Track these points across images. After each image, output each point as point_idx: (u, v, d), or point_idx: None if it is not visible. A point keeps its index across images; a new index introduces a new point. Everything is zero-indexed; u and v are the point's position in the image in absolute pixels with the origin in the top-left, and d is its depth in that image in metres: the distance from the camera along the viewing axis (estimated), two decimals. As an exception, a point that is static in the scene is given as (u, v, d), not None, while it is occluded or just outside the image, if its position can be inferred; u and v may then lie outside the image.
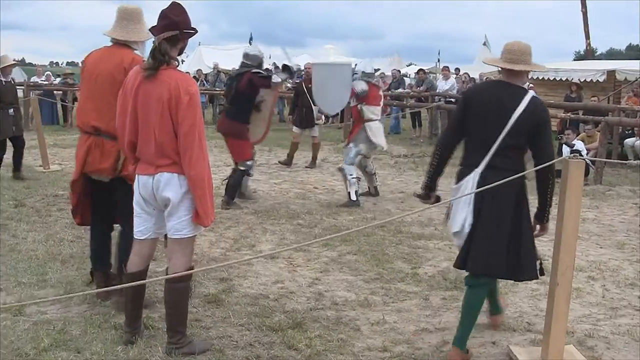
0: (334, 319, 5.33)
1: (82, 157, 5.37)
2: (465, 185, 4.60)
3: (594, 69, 19.82)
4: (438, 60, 30.53)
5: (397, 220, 8.64)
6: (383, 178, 12.47)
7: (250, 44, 28.37)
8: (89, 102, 5.39)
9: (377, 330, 5.17)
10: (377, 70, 10.39)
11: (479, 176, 4.51)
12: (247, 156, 9.38)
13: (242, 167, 9.34)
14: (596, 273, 6.66)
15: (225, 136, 9.53)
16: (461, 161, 4.77)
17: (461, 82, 21.05)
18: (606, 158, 12.91)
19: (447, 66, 22.38)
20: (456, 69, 22.24)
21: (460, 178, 4.69)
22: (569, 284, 4.45)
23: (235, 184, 9.42)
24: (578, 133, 14.67)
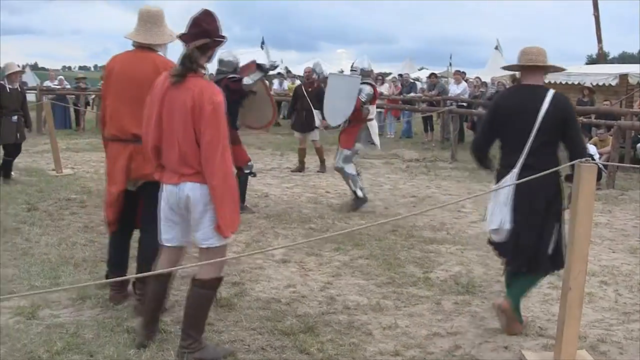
0: (346, 323, 5.33)
1: (125, 166, 5.28)
2: (503, 185, 4.93)
3: (607, 73, 19.75)
4: (450, 64, 30.39)
5: (409, 224, 8.64)
6: (395, 182, 12.48)
7: (262, 49, 28.45)
8: (125, 109, 5.26)
9: (389, 334, 5.17)
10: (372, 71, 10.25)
11: (516, 177, 4.83)
12: (245, 158, 9.36)
13: (246, 170, 9.35)
14: (609, 278, 6.63)
15: None
16: (499, 162, 5.13)
17: (473, 87, 21.02)
18: (619, 162, 12.88)
19: (459, 70, 22.33)
20: (462, 73, 22.06)
21: (498, 179, 5.04)
22: (582, 289, 4.44)
23: (242, 188, 9.40)
24: (590, 137, 14.63)
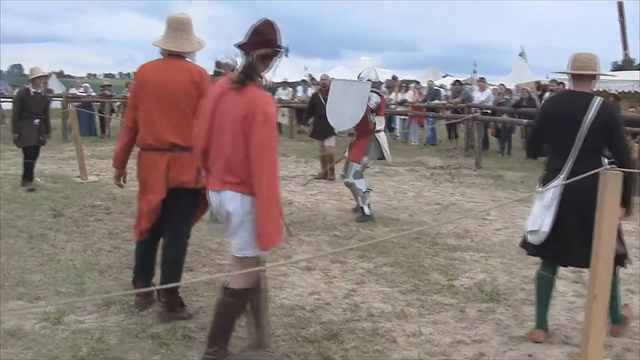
0: (370, 331, 5.33)
1: (164, 175, 5.29)
2: (548, 189, 4.95)
3: (632, 80, 19.55)
4: (474, 71, 30.29)
5: (433, 232, 8.62)
6: (419, 190, 12.45)
7: (286, 57, 28.59)
8: (162, 118, 5.27)
9: (413, 342, 5.15)
10: (381, 83, 10.19)
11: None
12: None
13: None
14: (635, 286, 6.57)
15: None
16: (545, 166, 5.17)
17: (497, 94, 20.93)
18: (645, 170, 12.75)
19: (483, 77, 22.25)
20: (481, 78, 21.91)
21: (544, 182, 5.06)
22: (607, 297, 4.41)
23: None
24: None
